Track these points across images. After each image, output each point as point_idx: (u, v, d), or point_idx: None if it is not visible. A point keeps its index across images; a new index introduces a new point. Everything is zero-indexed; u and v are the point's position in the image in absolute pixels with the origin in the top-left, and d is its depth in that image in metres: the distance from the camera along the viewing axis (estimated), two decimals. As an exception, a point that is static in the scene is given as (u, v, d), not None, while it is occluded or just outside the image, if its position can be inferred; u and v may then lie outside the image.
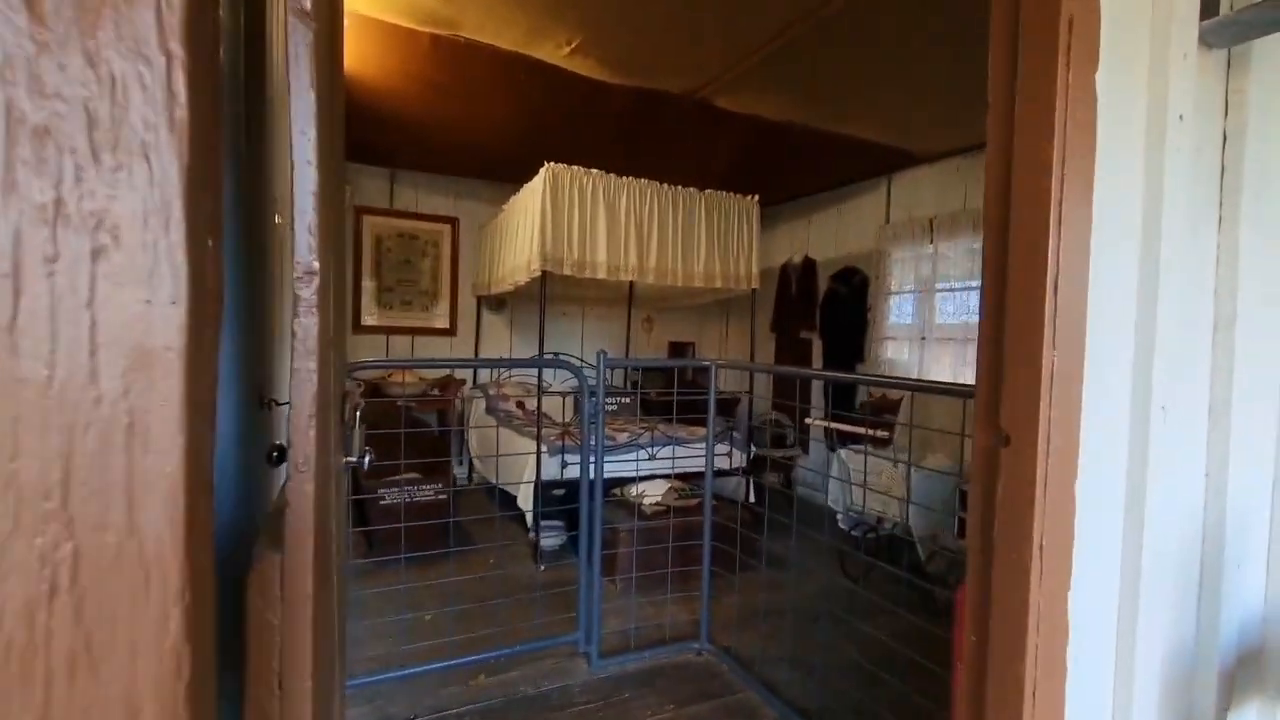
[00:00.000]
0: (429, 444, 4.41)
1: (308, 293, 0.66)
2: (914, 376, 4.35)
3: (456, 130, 3.96)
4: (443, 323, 5.23)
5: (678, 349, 6.13)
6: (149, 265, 0.45)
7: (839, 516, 3.35)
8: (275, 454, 0.89)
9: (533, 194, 3.54)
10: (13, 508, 0.42)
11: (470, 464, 5.25)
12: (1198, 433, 0.91)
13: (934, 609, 3.02)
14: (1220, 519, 0.90)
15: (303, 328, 0.66)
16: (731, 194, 3.91)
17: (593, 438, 2.47)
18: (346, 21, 2.62)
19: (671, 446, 3.75)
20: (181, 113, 0.46)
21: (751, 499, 3.98)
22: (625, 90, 3.17)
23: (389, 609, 2.84)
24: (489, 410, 4.86)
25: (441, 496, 3.56)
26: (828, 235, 5.17)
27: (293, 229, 0.64)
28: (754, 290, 4.03)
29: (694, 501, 3.38)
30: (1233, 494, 0.90)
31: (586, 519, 2.50)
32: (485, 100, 3.41)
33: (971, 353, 4.03)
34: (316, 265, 0.65)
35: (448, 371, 4.94)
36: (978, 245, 3.94)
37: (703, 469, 3.85)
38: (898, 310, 4.52)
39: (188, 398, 0.46)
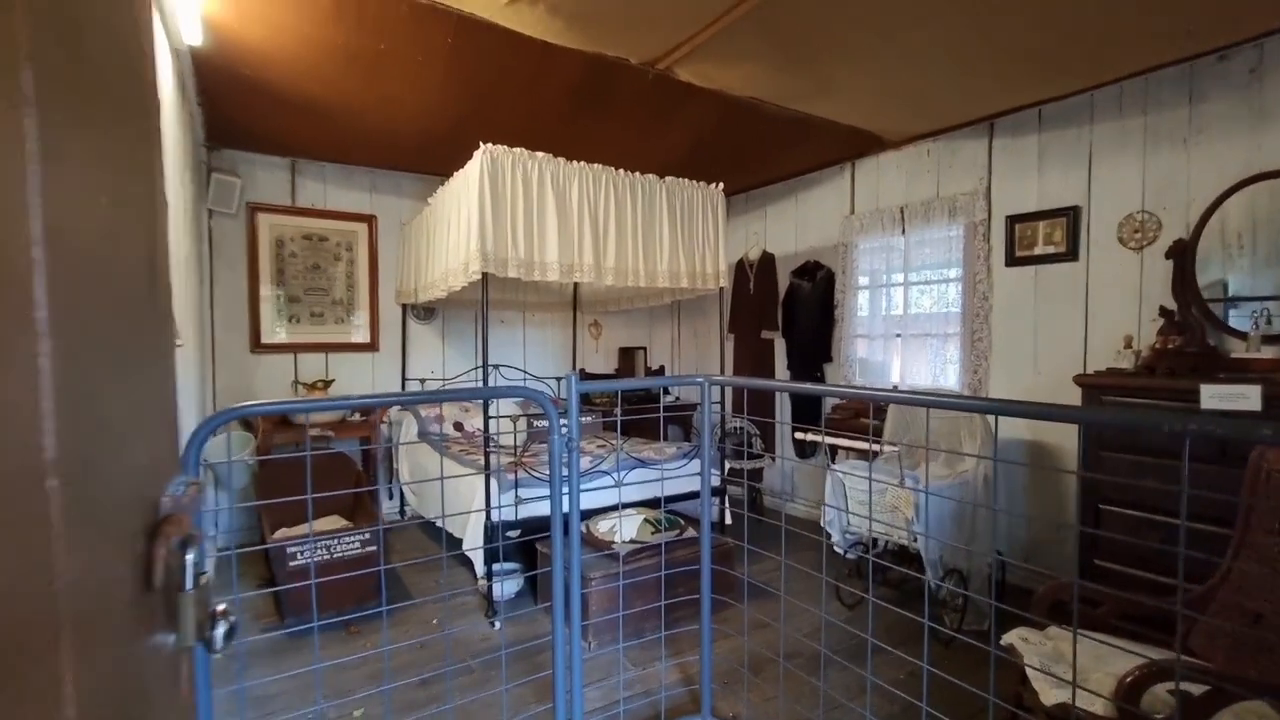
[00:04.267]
0: (352, 481, 3.75)
1: None
2: (890, 376, 4.07)
3: (372, 111, 3.34)
4: (362, 336, 4.55)
5: (628, 355, 5.67)
6: None
7: (834, 541, 2.99)
8: None
9: (468, 183, 2.98)
10: None
11: (401, 495, 4.60)
12: None
13: (942, 638, 2.71)
14: None
15: None
16: (695, 182, 3.48)
17: (563, 470, 1.97)
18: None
19: (640, 470, 3.29)
20: None
21: (728, 521, 3.58)
22: (577, 57, 2.68)
23: (305, 701, 2.23)
24: (422, 434, 4.24)
25: (370, 549, 2.95)
26: (786, 228, 4.84)
27: None
28: (721, 289, 3.63)
29: (673, 534, 2.93)
30: None
31: (560, 575, 1.99)
32: (404, 70, 2.83)
33: (951, 349, 3.81)
34: None
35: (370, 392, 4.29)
36: (953, 233, 3.69)
37: (677, 493, 3.44)
38: (868, 305, 4.23)
39: None
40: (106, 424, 0.41)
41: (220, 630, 0.60)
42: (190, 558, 0.54)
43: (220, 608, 0.60)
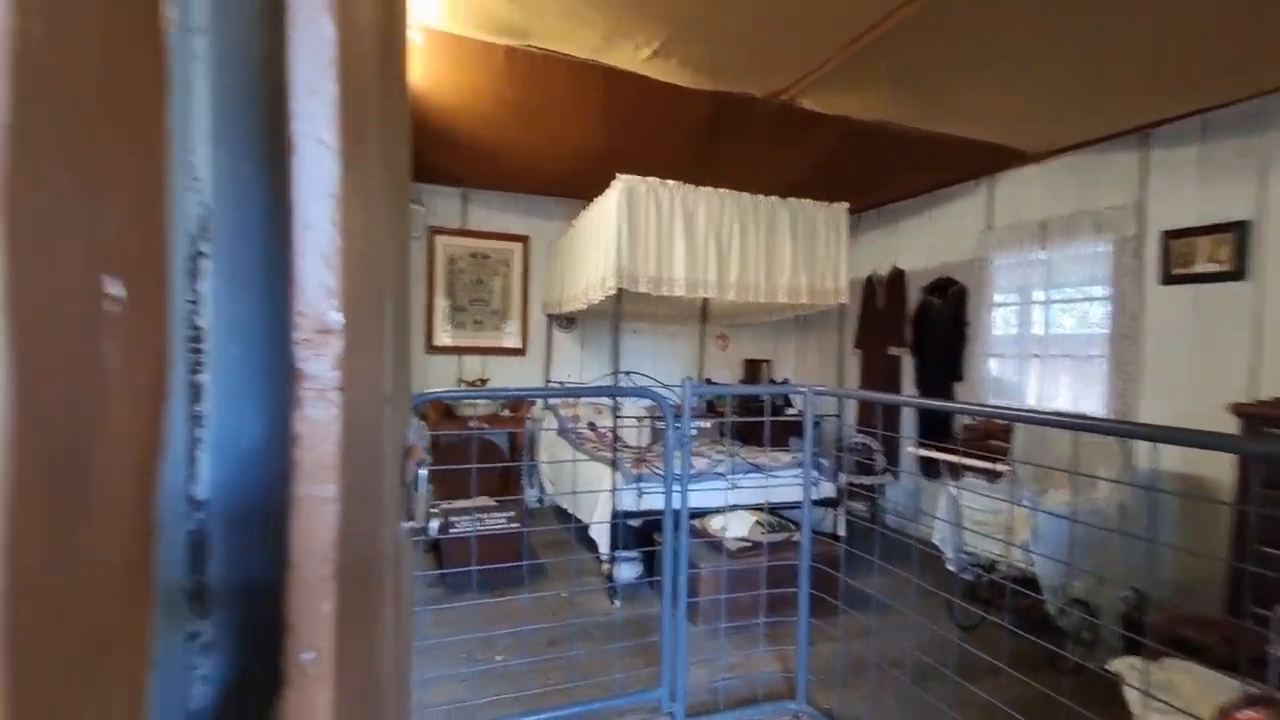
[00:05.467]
0: (500, 467, 4.30)
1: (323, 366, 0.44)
2: (1025, 398, 3.90)
3: (530, 147, 3.87)
4: (513, 342, 5.15)
5: (753, 367, 5.84)
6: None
7: (947, 559, 2.98)
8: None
9: (607, 208, 3.38)
10: None
11: (541, 484, 5.13)
12: None
13: (1063, 668, 2.62)
14: None
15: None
16: (818, 201, 3.63)
17: (677, 467, 2.24)
18: (418, 38, 2.55)
19: (754, 475, 3.48)
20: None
21: (842, 533, 3.65)
22: (706, 96, 2.97)
23: (459, 646, 2.69)
24: (560, 432, 4.73)
25: (513, 526, 3.41)
26: (918, 244, 4.78)
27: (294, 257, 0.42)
28: (842, 305, 3.72)
29: (782, 538, 3.09)
30: None
31: (670, 560, 2.27)
32: (560, 114, 3.29)
33: (1094, 371, 3.57)
34: (335, 320, 0.44)
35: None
36: (1100, 249, 3.51)
37: (787, 500, 3.58)
38: (1003, 323, 4.09)
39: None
40: (397, 381, 0.75)
41: (435, 523, 0.94)
42: (423, 472, 0.88)
43: (435, 508, 0.94)
